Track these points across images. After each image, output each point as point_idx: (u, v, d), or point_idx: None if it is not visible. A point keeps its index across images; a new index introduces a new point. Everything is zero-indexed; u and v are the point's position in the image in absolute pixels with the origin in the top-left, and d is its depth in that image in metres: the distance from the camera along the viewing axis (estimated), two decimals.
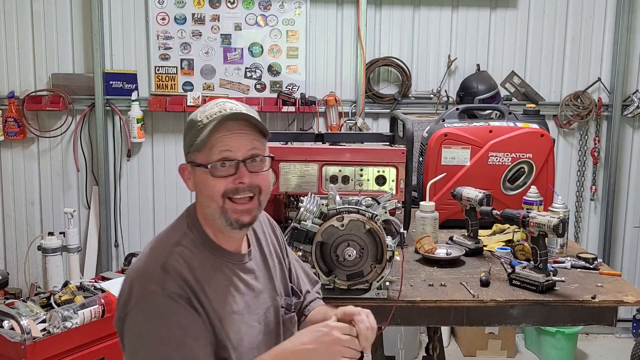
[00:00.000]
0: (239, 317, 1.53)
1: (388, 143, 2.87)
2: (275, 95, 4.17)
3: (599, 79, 4.36)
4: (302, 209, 1.95)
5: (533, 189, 2.53)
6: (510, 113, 2.91)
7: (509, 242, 2.55)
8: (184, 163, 1.57)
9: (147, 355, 1.41)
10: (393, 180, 2.50)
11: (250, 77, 4.20)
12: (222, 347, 1.47)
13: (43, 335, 2.89)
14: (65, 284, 3.42)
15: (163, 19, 4.12)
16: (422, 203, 2.50)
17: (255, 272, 1.61)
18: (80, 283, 3.20)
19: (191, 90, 4.17)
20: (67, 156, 4.27)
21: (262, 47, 4.18)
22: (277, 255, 1.72)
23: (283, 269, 1.73)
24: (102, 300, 2.96)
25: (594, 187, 4.47)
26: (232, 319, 1.51)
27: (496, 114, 3.50)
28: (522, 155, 2.76)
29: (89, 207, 4.30)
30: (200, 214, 1.57)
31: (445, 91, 4.28)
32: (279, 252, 1.74)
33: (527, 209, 2.33)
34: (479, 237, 2.48)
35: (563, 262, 2.32)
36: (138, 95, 4.14)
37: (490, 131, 2.77)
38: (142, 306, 1.42)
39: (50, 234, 3.82)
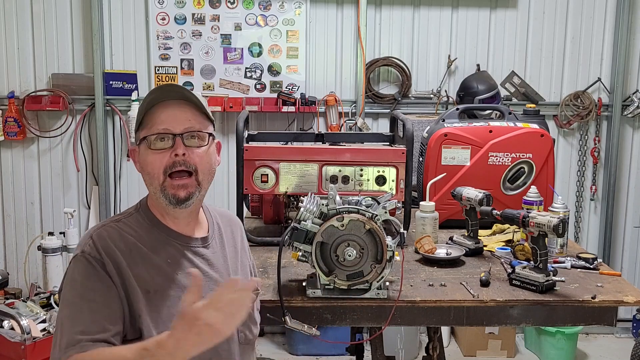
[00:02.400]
0: (175, 293, 1.54)
1: (388, 143, 2.87)
2: (275, 95, 4.17)
3: (599, 79, 4.36)
4: (302, 209, 1.94)
5: (533, 189, 2.53)
6: (510, 113, 2.90)
7: (509, 242, 2.55)
8: (134, 145, 1.63)
9: (62, 306, 1.50)
10: (393, 180, 2.50)
11: (250, 77, 4.20)
12: (137, 317, 1.49)
13: (43, 335, 2.90)
14: None
15: (163, 19, 4.12)
16: (422, 203, 2.50)
17: (209, 259, 1.66)
18: None
19: (191, 90, 4.16)
20: (67, 156, 4.27)
21: (262, 47, 4.18)
22: (241, 256, 1.80)
23: (245, 267, 1.80)
24: None
25: (594, 187, 4.47)
26: (162, 293, 1.52)
27: (496, 114, 3.50)
28: (522, 155, 2.75)
29: (89, 207, 4.30)
30: (149, 198, 1.65)
31: (445, 91, 4.28)
32: (239, 252, 1.80)
33: (527, 209, 2.32)
34: (479, 237, 2.48)
35: (563, 262, 2.32)
36: (138, 95, 4.14)
37: (490, 131, 2.77)
38: (68, 270, 1.53)
39: (50, 234, 3.82)
